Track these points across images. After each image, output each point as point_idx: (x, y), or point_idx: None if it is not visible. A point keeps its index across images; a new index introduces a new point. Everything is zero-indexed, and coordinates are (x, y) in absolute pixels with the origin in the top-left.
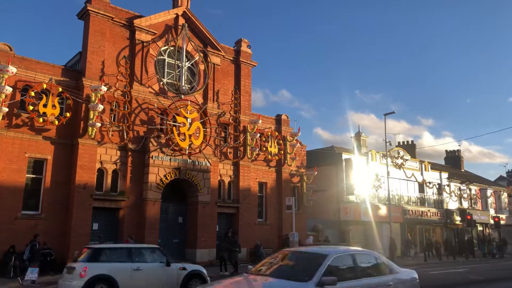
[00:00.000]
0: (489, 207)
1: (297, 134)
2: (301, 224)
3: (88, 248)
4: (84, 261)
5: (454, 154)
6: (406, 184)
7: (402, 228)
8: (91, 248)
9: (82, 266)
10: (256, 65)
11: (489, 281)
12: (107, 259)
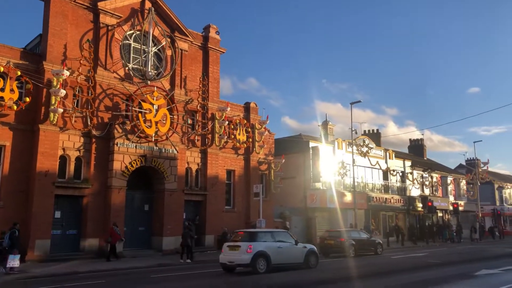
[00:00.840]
0: (449, 194)
1: (266, 122)
2: (268, 211)
3: (244, 232)
4: (246, 241)
5: (417, 143)
6: (371, 171)
7: (366, 215)
8: (249, 232)
9: (248, 245)
10: (225, 52)
11: (446, 264)
12: (260, 239)
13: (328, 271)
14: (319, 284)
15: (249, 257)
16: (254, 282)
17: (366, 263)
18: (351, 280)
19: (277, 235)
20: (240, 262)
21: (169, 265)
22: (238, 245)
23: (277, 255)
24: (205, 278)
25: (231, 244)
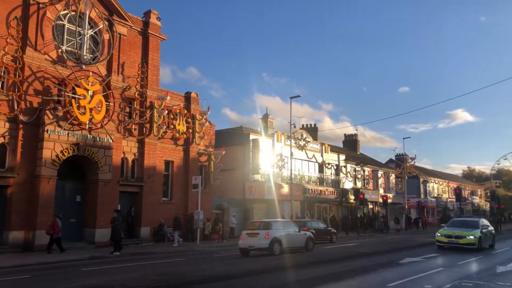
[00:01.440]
0: (379, 187)
1: (207, 113)
2: (207, 202)
3: (260, 221)
4: (263, 229)
5: (352, 138)
6: (307, 164)
7: (302, 206)
8: (264, 221)
9: (266, 232)
10: (166, 39)
11: (375, 253)
12: (274, 228)
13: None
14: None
15: (267, 242)
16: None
17: (303, 254)
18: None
19: (285, 224)
20: (259, 246)
21: (102, 257)
22: (257, 232)
23: (287, 241)
24: (138, 270)
25: (250, 232)
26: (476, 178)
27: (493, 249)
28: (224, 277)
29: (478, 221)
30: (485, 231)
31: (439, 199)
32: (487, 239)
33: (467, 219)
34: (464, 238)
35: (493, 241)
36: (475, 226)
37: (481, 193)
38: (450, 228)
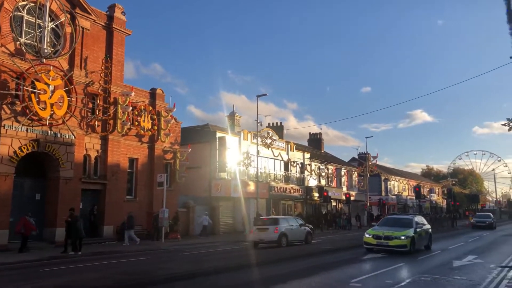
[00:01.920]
0: (342, 184)
1: (172, 109)
2: (172, 200)
3: (268, 218)
4: (272, 225)
5: (316, 136)
6: (273, 162)
7: (268, 204)
8: (273, 218)
9: (275, 227)
10: (131, 34)
11: (338, 250)
12: (281, 223)
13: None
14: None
15: (276, 235)
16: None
17: (272, 251)
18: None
19: (290, 220)
20: (269, 239)
21: (63, 257)
22: (267, 227)
23: (292, 234)
24: (102, 269)
25: (260, 227)
26: (434, 177)
27: (428, 251)
28: (190, 276)
29: (412, 219)
30: (419, 230)
31: (400, 197)
32: (421, 240)
33: (401, 217)
34: (394, 240)
35: (429, 241)
36: (408, 225)
37: (438, 191)
38: (381, 227)
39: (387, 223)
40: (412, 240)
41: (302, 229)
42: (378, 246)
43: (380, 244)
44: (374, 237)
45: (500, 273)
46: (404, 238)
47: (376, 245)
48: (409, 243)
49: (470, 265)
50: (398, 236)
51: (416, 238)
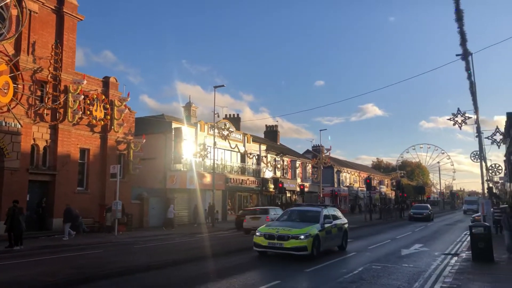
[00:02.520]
0: (297, 176)
1: (126, 99)
2: (125, 192)
3: (260, 208)
4: (263, 214)
5: (272, 129)
6: (230, 154)
7: (224, 195)
8: (263, 208)
9: (266, 216)
10: (83, 19)
11: None
12: (270, 213)
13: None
14: None
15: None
16: (192, 250)
17: (226, 242)
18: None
19: (276, 210)
20: None
21: (8, 252)
22: (259, 216)
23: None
24: (51, 264)
25: (252, 216)
26: (384, 169)
27: (343, 253)
28: (144, 268)
29: (319, 212)
30: (328, 226)
31: (351, 188)
32: (332, 239)
33: (306, 209)
34: (290, 240)
35: (344, 240)
36: (314, 219)
37: (387, 183)
38: (280, 223)
39: (290, 217)
40: (316, 240)
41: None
42: (271, 249)
43: (272, 246)
44: (266, 236)
45: (444, 260)
46: (303, 237)
47: (268, 247)
48: (310, 244)
49: (417, 253)
50: (296, 235)
51: (323, 237)
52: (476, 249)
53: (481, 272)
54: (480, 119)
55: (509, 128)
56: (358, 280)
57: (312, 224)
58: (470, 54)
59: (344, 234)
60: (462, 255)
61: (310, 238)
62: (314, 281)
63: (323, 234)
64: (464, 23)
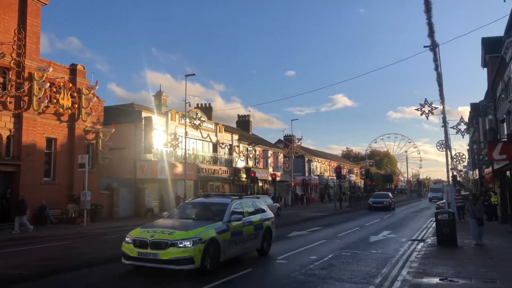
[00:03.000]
0: (268, 166)
1: (95, 87)
2: (94, 183)
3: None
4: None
5: (244, 118)
6: (201, 144)
7: (195, 185)
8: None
9: None
10: (48, 4)
11: None
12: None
13: None
14: None
15: None
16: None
17: None
18: None
19: (266, 198)
20: None
21: None
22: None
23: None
24: (17, 256)
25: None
26: (353, 158)
27: (310, 241)
28: (114, 259)
29: (227, 204)
30: (237, 224)
31: (322, 177)
32: (243, 241)
33: (210, 202)
34: (168, 249)
35: (265, 240)
36: (217, 215)
37: (357, 172)
38: (164, 222)
39: (184, 213)
40: (211, 246)
41: (274, 205)
42: (142, 262)
43: (144, 258)
44: (136, 243)
45: (411, 246)
46: (189, 244)
47: (138, 258)
48: (199, 253)
49: (385, 239)
50: (177, 241)
51: (225, 241)
52: (441, 234)
53: (445, 257)
54: (445, 110)
55: (472, 119)
56: (328, 266)
57: (210, 223)
58: (437, 45)
59: (266, 233)
60: (428, 240)
61: (199, 245)
62: (283, 268)
63: (226, 237)
64: (432, 15)
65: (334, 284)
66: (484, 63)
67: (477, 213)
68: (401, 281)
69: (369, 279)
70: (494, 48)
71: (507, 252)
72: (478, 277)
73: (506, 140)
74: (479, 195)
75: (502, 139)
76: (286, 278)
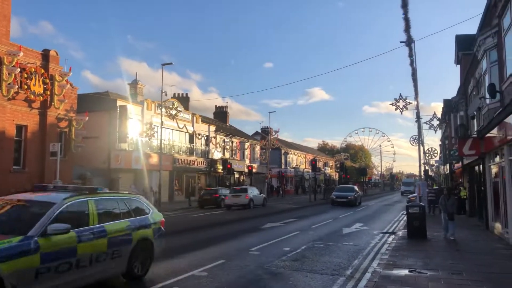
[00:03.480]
0: (245, 157)
1: (68, 74)
2: (67, 172)
3: (240, 188)
4: (242, 192)
5: (222, 109)
6: (178, 134)
7: (171, 176)
8: (243, 187)
9: (245, 194)
10: None
11: (241, 220)
12: (249, 191)
13: None
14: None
15: (247, 200)
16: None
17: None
18: None
19: (253, 189)
20: (242, 203)
21: None
22: (239, 194)
23: (256, 199)
24: None
25: (234, 194)
26: (329, 151)
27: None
28: None
29: (55, 203)
30: (61, 239)
31: (297, 169)
32: (71, 268)
33: (27, 200)
34: None
35: (135, 261)
36: (27, 224)
37: (332, 165)
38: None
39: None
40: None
41: (261, 196)
42: None
43: None
44: None
45: (382, 239)
46: None
47: None
48: None
49: (357, 232)
50: None
51: (26, 272)
52: (412, 227)
53: (414, 249)
54: (419, 105)
55: (445, 114)
56: (301, 258)
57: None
58: (413, 41)
59: (140, 249)
60: (398, 233)
61: None
62: (256, 260)
63: (30, 264)
64: (408, 10)
65: (306, 275)
66: (458, 60)
67: (449, 207)
68: (371, 273)
69: (340, 271)
70: (467, 45)
71: (473, 244)
72: (445, 268)
73: (476, 136)
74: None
75: (472, 135)
76: (258, 269)
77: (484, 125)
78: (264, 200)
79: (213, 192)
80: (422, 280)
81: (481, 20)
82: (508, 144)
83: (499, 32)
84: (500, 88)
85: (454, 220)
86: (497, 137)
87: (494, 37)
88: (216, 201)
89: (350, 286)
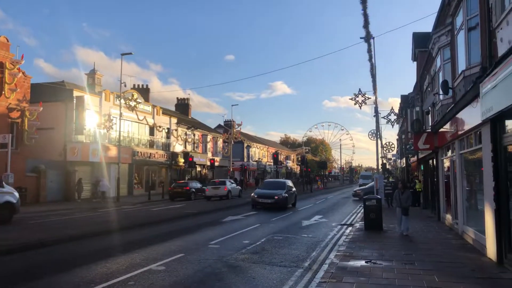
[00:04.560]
0: (208, 150)
1: (20, 62)
2: (19, 164)
3: (219, 180)
4: (221, 185)
5: (184, 102)
6: (137, 126)
7: (130, 169)
8: (222, 180)
9: (224, 186)
10: None
11: (201, 213)
12: (227, 184)
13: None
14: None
15: (226, 192)
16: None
17: (144, 214)
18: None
19: (231, 182)
20: (221, 195)
21: None
22: (219, 186)
23: (233, 191)
24: None
25: (214, 186)
26: (291, 145)
27: (244, 225)
28: (39, 244)
29: None
30: None
31: (260, 163)
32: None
33: None
34: None
35: None
36: None
37: (293, 158)
38: None
39: None
40: None
41: (237, 188)
42: None
43: None
44: None
45: (340, 231)
46: None
47: None
48: None
49: (316, 224)
50: None
51: None
52: (368, 219)
53: (371, 240)
54: (377, 100)
55: (402, 110)
56: (261, 250)
57: None
58: (372, 37)
59: None
60: (356, 225)
61: None
62: (216, 253)
63: None
64: (367, 6)
65: (264, 268)
66: (414, 57)
67: (403, 201)
68: (328, 264)
69: (298, 263)
70: (423, 42)
71: (426, 236)
72: (399, 259)
73: (430, 131)
74: (406, 183)
75: (427, 129)
76: (217, 262)
77: (437, 120)
78: (240, 192)
79: (184, 185)
80: (377, 270)
81: (436, 19)
82: (459, 138)
83: (452, 31)
84: (453, 85)
85: (408, 215)
86: (449, 132)
87: (447, 35)
88: (187, 193)
89: (307, 277)
